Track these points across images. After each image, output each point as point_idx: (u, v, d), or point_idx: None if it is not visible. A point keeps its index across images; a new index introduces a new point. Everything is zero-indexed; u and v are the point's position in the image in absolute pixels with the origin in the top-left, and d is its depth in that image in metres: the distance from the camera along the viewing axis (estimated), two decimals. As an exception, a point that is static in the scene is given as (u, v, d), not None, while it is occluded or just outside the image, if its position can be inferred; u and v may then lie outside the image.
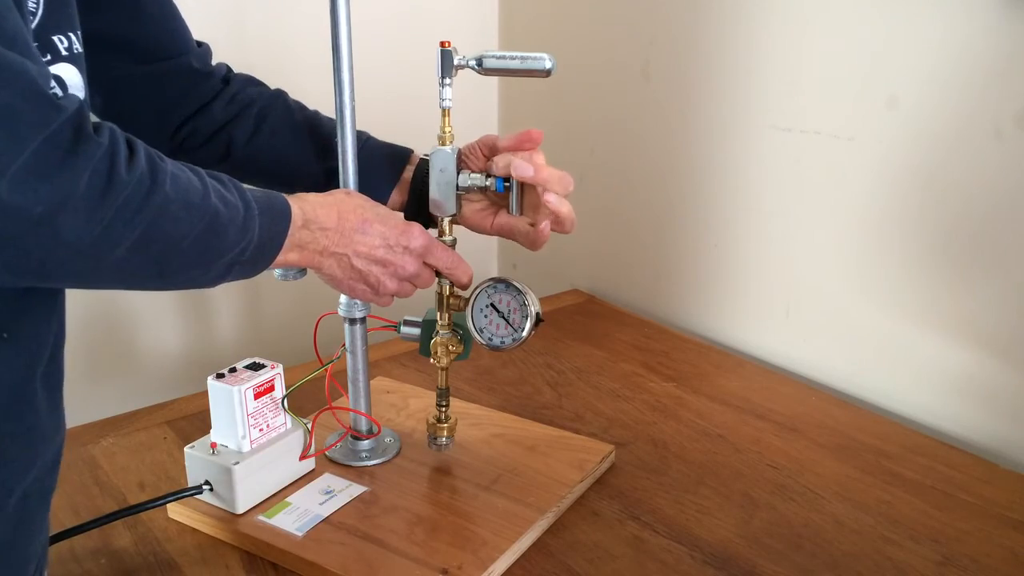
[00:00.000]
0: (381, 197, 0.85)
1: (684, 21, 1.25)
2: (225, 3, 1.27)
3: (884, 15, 1.02)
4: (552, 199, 0.79)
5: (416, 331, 0.89)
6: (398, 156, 0.90)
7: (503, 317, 0.83)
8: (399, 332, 0.90)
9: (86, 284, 0.60)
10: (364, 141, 0.88)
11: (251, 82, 0.92)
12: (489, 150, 0.84)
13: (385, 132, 1.33)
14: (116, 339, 1.30)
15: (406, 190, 0.88)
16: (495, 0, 1.56)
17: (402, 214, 0.87)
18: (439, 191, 0.82)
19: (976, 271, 0.99)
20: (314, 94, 1.33)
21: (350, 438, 0.93)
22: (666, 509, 0.88)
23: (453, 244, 0.85)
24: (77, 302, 1.25)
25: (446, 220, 0.84)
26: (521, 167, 0.79)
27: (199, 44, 0.89)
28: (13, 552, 0.62)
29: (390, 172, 0.88)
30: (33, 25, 0.56)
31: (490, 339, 0.84)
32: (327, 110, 0.87)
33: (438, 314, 0.87)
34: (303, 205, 0.71)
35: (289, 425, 0.87)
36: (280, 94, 0.92)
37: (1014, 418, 0.99)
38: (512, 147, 0.82)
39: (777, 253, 1.20)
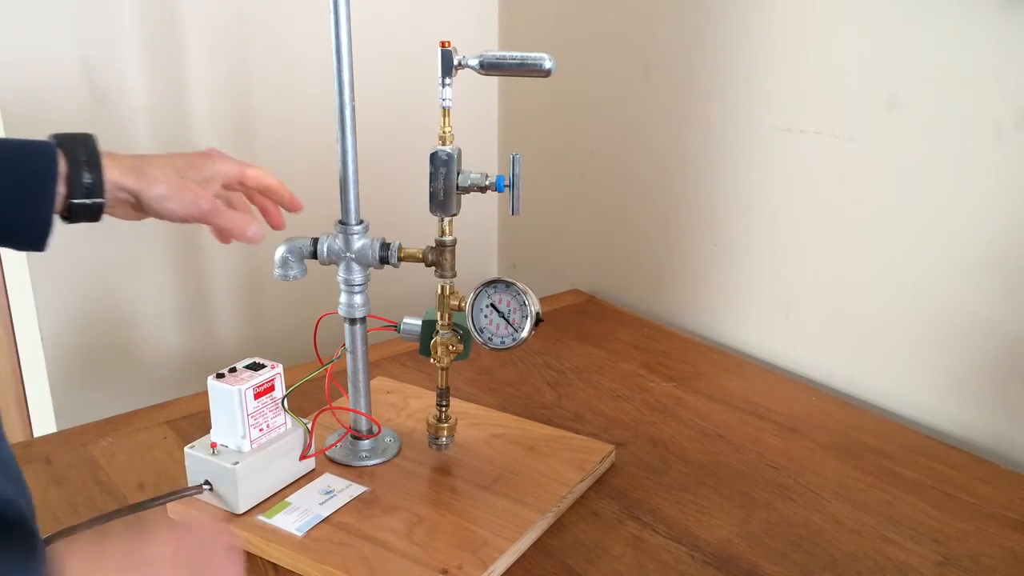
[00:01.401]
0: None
1: (684, 21, 1.25)
2: (225, 4, 1.27)
3: (884, 15, 1.02)
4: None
5: (416, 331, 0.89)
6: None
7: (503, 317, 0.83)
8: (399, 332, 0.90)
9: None
10: None
11: None
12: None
13: (385, 132, 1.33)
14: (116, 339, 1.31)
15: None
16: (495, 0, 1.56)
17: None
18: (439, 191, 0.82)
19: (976, 271, 0.99)
20: (314, 94, 1.33)
21: (350, 438, 0.93)
22: (666, 509, 0.88)
23: (453, 244, 0.85)
24: (77, 302, 1.25)
25: (446, 220, 0.84)
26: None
27: None
28: None
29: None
30: None
31: (490, 339, 0.84)
32: (328, 111, 0.87)
33: (438, 314, 0.87)
34: None
35: (289, 425, 0.87)
36: None
37: (1014, 418, 0.99)
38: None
39: (777, 253, 1.20)
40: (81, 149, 0.71)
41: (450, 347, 0.87)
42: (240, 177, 0.83)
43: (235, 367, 0.85)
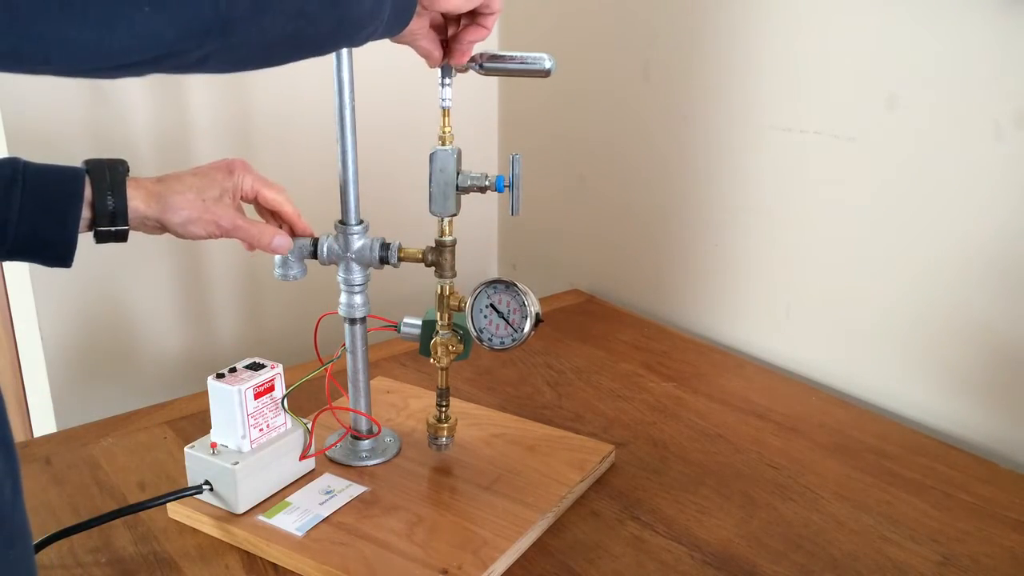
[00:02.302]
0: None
1: (684, 22, 1.25)
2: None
3: (884, 15, 1.02)
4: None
5: (416, 331, 0.89)
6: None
7: (503, 317, 0.83)
8: (399, 332, 0.90)
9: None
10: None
11: None
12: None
13: (385, 132, 1.33)
14: (116, 339, 1.31)
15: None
16: (495, 0, 1.56)
17: None
18: (439, 191, 0.82)
19: (976, 270, 0.99)
20: (314, 95, 1.33)
21: (350, 438, 0.93)
22: (666, 509, 0.88)
23: (453, 244, 0.85)
24: (77, 302, 1.25)
25: (446, 220, 0.84)
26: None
27: None
28: None
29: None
30: None
31: (490, 339, 0.84)
32: (327, 111, 0.87)
33: (438, 314, 0.87)
34: None
35: (289, 425, 0.87)
36: None
37: (1014, 418, 0.99)
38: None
39: (777, 253, 1.20)
40: (107, 176, 0.74)
41: (450, 347, 0.87)
42: (255, 195, 0.84)
43: (235, 367, 0.85)
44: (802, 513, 0.87)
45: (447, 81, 0.80)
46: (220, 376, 0.84)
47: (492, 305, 0.84)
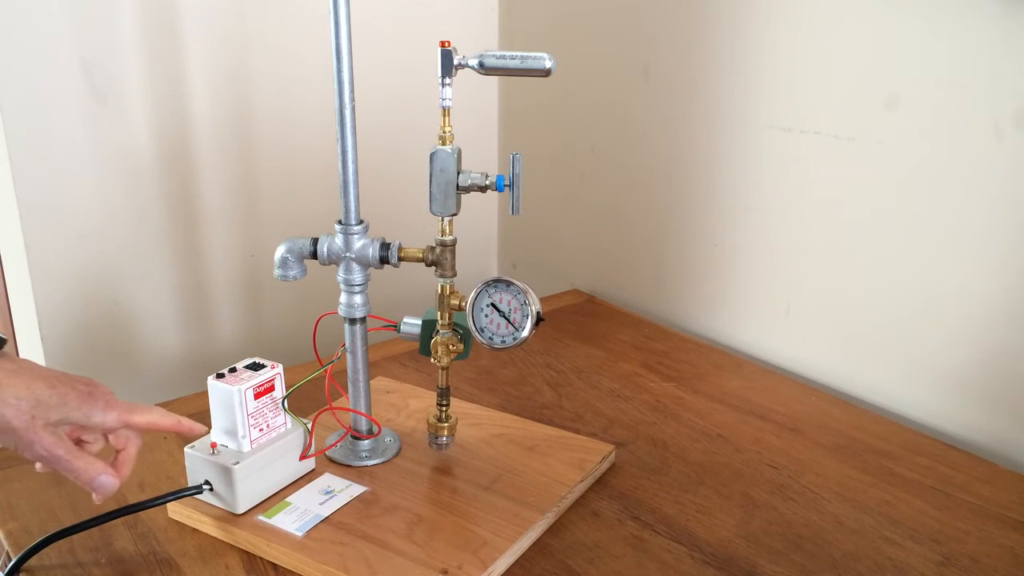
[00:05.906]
0: None
1: (684, 21, 1.25)
2: (226, 4, 1.27)
3: (884, 15, 1.02)
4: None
5: (416, 331, 0.89)
6: None
7: (504, 316, 0.84)
8: (399, 332, 0.90)
9: None
10: None
11: None
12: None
13: (385, 132, 1.33)
14: (116, 339, 1.30)
15: None
16: (495, 0, 1.56)
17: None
18: (439, 191, 0.82)
19: (976, 271, 0.99)
20: (314, 94, 1.33)
21: (350, 438, 0.94)
22: (666, 509, 0.88)
23: (453, 244, 0.85)
24: (76, 302, 1.25)
25: (446, 220, 0.84)
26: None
27: None
28: None
29: None
30: None
31: (491, 338, 0.84)
32: (327, 111, 0.87)
33: (438, 314, 0.87)
34: None
35: (289, 425, 0.87)
36: None
37: (1014, 418, 0.99)
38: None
39: (777, 253, 1.20)
40: None
41: (450, 347, 0.87)
42: (121, 426, 0.76)
43: (235, 367, 0.85)
44: (802, 513, 0.87)
45: (447, 81, 0.80)
46: (220, 376, 0.84)
47: (493, 304, 0.84)
